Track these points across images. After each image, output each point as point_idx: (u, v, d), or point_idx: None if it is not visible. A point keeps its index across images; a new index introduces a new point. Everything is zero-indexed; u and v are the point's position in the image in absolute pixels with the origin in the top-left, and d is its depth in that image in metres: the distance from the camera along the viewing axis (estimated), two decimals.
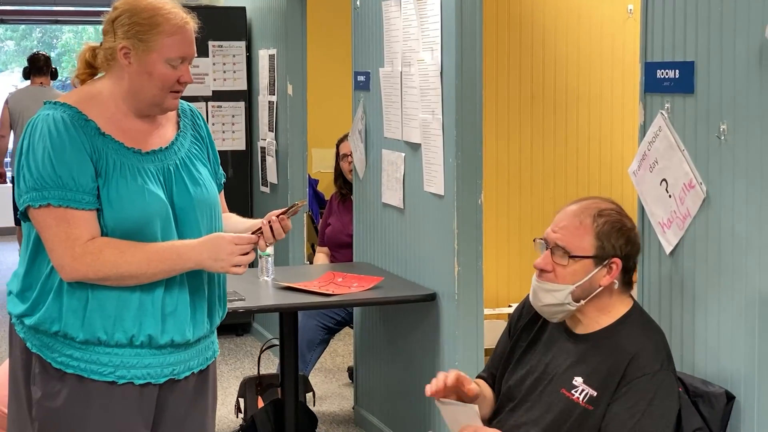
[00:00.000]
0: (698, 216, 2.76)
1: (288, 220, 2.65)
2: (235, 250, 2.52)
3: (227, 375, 5.88)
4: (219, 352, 2.77)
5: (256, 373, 4.67)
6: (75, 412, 2.53)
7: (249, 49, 7.03)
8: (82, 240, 2.45)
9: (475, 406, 2.56)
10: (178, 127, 2.69)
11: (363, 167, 4.97)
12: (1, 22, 12.73)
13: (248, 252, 2.56)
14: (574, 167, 5.21)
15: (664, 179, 2.87)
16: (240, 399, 4.67)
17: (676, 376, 2.59)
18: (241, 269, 2.55)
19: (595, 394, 2.54)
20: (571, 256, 2.58)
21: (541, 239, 2.65)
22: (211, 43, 7.02)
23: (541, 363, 2.67)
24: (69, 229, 2.45)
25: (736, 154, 2.62)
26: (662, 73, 2.88)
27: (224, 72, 7.02)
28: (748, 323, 2.60)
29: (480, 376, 2.89)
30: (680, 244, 2.84)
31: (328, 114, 7.23)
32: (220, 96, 7.05)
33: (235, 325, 6.81)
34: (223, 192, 2.79)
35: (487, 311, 4.47)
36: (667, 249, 2.88)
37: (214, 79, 7.09)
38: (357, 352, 5.17)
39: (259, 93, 6.75)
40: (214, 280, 2.67)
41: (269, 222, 2.63)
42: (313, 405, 4.79)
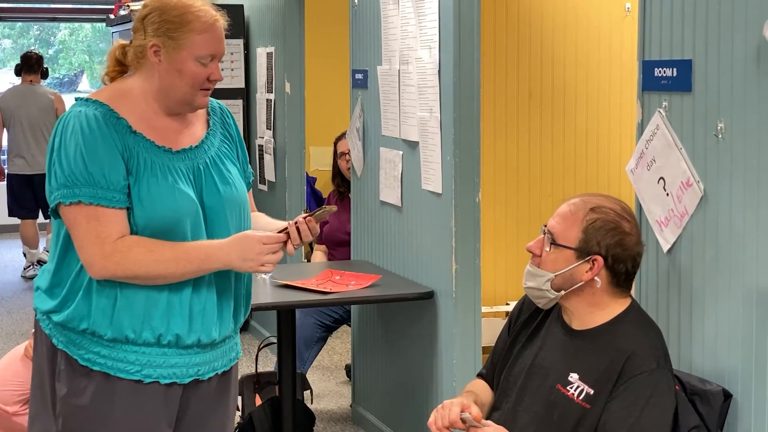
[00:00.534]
0: (696, 214, 2.76)
1: (315, 223, 2.62)
2: (264, 250, 2.51)
3: None
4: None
5: (253, 371, 4.67)
6: (100, 410, 2.54)
7: (247, 47, 7.03)
8: (112, 238, 2.46)
9: (467, 414, 2.56)
10: (208, 126, 2.69)
11: (361, 165, 4.97)
12: None
13: (276, 251, 2.55)
14: (572, 165, 5.21)
15: (662, 177, 2.87)
16: (238, 397, 4.67)
17: (673, 375, 2.59)
18: (270, 267, 2.55)
19: (592, 392, 2.54)
20: (553, 243, 2.60)
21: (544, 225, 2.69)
22: None
23: (538, 357, 2.67)
24: (99, 227, 2.46)
25: (734, 153, 2.62)
26: (660, 72, 2.88)
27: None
28: (745, 321, 2.60)
29: (480, 374, 2.90)
30: (678, 242, 2.84)
31: (326, 112, 7.23)
32: (217, 94, 7.01)
33: None
34: (251, 191, 2.80)
35: (484, 309, 4.48)
36: (665, 247, 2.88)
37: None
38: (355, 350, 5.17)
39: (257, 91, 6.74)
40: (241, 279, 2.68)
41: (296, 223, 2.60)
42: (311, 403, 4.79)
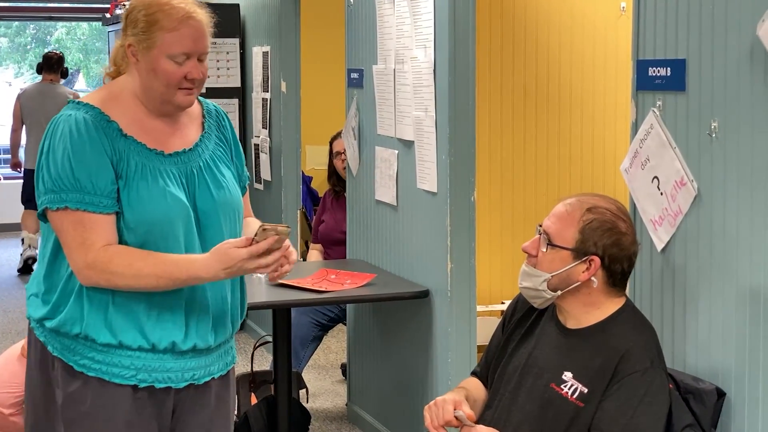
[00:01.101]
0: (689, 213, 2.77)
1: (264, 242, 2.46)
2: (244, 254, 2.41)
3: None
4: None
5: (249, 370, 4.68)
6: (101, 415, 2.51)
7: (243, 46, 7.03)
8: (97, 246, 2.42)
9: (460, 412, 2.57)
10: (203, 128, 2.65)
11: (356, 164, 4.97)
12: None
13: (264, 254, 2.42)
14: (567, 164, 5.22)
15: (656, 177, 2.88)
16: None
17: (667, 374, 2.60)
18: (263, 270, 2.46)
19: (586, 391, 2.55)
20: (549, 244, 2.61)
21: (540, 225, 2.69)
22: None
23: (532, 356, 2.68)
24: (85, 233, 2.42)
25: (727, 152, 2.63)
26: (654, 71, 2.88)
27: (218, 69, 7.01)
28: (738, 320, 2.61)
29: (474, 372, 2.90)
30: (672, 241, 2.85)
31: (321, 111, 7.24)
32: (213, 93, 7.04)
33: None
34: (247, 194, 2.76)
35: (479, 308, 4.49)
36: (659, 246, 2.89)
37: (208, 76, 7.08)
38: (350, 348, 5.17)
39: (253, 90, 6.75)
40: (237, 284, 2.65)
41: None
42: (306, 402, 4.79)
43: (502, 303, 4.97)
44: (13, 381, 4.10)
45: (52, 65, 8.79)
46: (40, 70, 8.89)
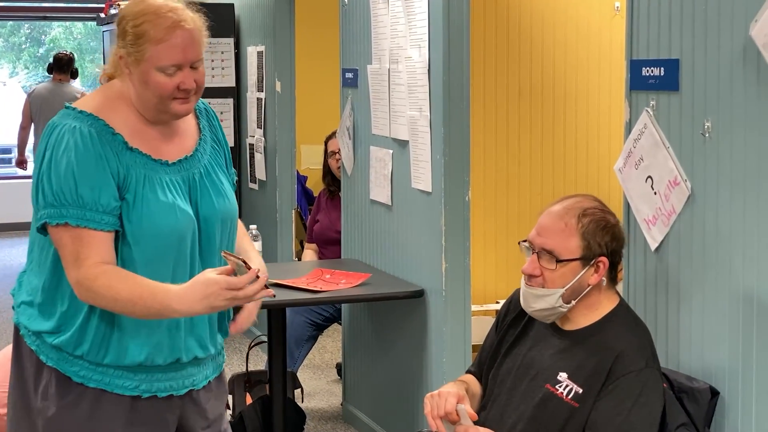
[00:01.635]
0: (683, 213, 2.77)
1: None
2: (229, 294, 2.33)
3: None
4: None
5: (244, 370, 4.68)
6: (98, 426, 2.47)
7: (237, 46, 7.03)
8: (89, 262, 2.36)
9: (462, 406, 2.58)
10: (199, 129, 2.60)
11: (351, 164, 4.97)
12: None
13: (246, 286, 2.33)
14: (561, 164, 5.22)
15: (650, 176, 2.88)
16: (228, 395, 4.67)
17: (661, 373, 2.60)
18: (246, 301, 2.38)
19: (581, 391, 2.55)
20: (558, 261, 2.58)
21: (526, 242, 2.66)
22: None
23: (527, 357, 2.68)
24: (80, 248, 2.36)
25: (721, 151, 2.63)
26: (647, 71, 2.89)
27: (212, 69, 7.01)
28: (732, 319, 2.61)
29: (469, 371, 2.91)
30: (665, 240, 2.85)
31: (316, 111, 7.23)
32: (208, 93, 6.97)
33: None
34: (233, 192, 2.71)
35: (474, 308, 4.48)
36: (653, 246, 2.89)
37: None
38: (345, 348, 5.18)
39: (248, 90, 6.75)
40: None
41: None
42: (302, 401, 4.79)
43: (497, 302, 4.97)
44: (8, 382, 4.10)
45: (62, 66, 9.12)
46: (51, 70, 9.21)
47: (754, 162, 2.52)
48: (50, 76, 9.22)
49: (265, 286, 2.34)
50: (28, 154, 9.24)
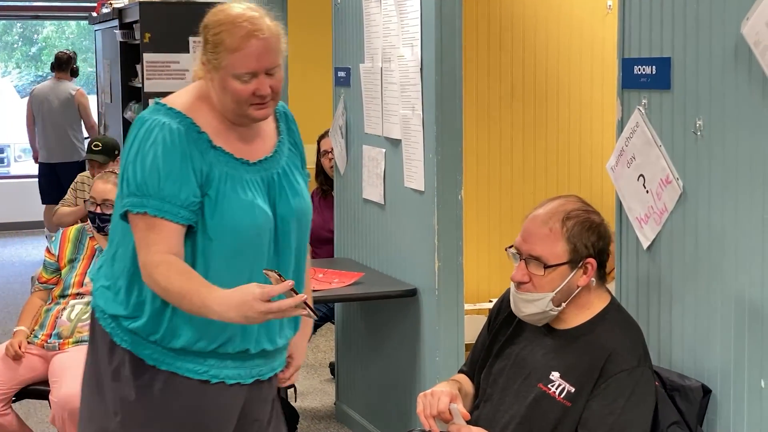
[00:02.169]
0: (675, 211, 2.78)
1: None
2: (264, 307, 2.34)
3: None
4: None
5: None
6: (167, 407, 2.57)
7: None
8: (155, 249, 2.45)
9: (454, 405, 2.58)
10: (278, 131, 2.71)
11: (344, 163, 4.97)
12: None
13: (282, 302, 2.34)
14: (554, 162, 5.23)
15: (642, 175, 2.89)
16: None
17: (653, 372, 2.61)
18: (279, 315, 2.38)
19: (573, 390, 2.55)
20: (546, 266, 2.58)
21: (512, 248, 2.66)
22: (191, 39, 7.02)
23: (519, 357, 2.68)
24: (152, 235, 2.45)
25: (712, 150, 2.64)
26: (639, 69, 2.89)
27: None
28: (724, 317, 2.62)
29: (461, 371, 2.91)
30: (657, 239, 2.85)
31: (308, 110, 7.21)
32: None
33: None
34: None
35: (467, 306, 4.49)
36: (645, 244, 2.90)
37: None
38: (338, 347, 5.17)
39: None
40: (302, 283, 2.69)
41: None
42: (295, 401, 4.79)
43: (490, 301, 4.98)
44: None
45: (61, 64, 9.36)
46: (53, 68, 9.46)
47: (745, 160, 2.52)
48: (53, 74, 9.47)
49: (307, 307, 2.37)
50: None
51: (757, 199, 2.49)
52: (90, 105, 9.37)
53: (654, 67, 2.83)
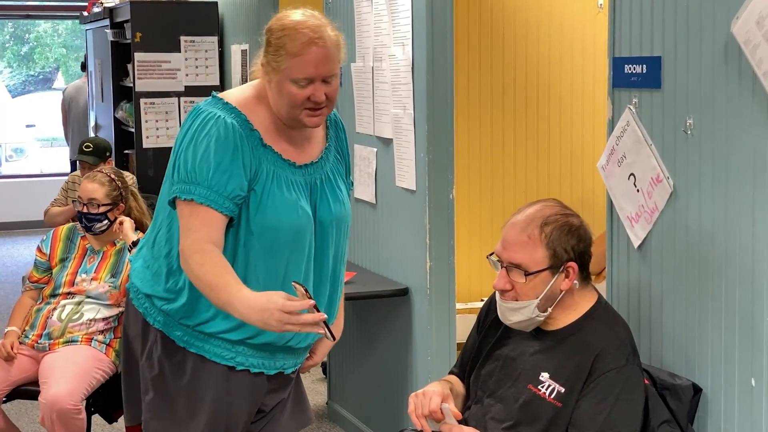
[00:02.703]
0: (666, 210, 2.78)
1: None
2: (284, 318, 2.37)
3: None
4: None
5: None
6: (194, 390, 2.67)
7: (221, 44, 7.01)
8: (196, 236, 2.52)
9: (447, 405, 2.58)
10: (326, 139, 2.78)
11: None
12: None
13: (304, 318, 2.37)
14: (545, 161, 5.23)
15: (632, 174, 2.89)
16: None
17: (642, 369, 2.61)
18: (297, 329, 2.39)
19: (563, 390, 2.55)
20: (527, 274, 2.58)
21: (493, 255, 2.66)
22: (183, 38, 7.01)
23: (508, 359, 2.68)
24: (194, 221, 2.54)
25: (703, 149, 2.64)
26: (630, 69, 2.89)
27: (196, 67, 7.00)
28: (714, 316, 2.62)
29: (452, 372, 2.91)
30: (648, 238, 2.86)
31: None
32: (192, 91, 7.04)
33: None
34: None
35: (459, 306, 4.49)
36: (636, 243, 2.90)
37: (186, 75, 7.08)
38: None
39: (232, 88, 6.73)
40: (336, 291, 2.77)
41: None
42: None
43: (482, 300, 4.97)
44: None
45: (85, 65, 9.66)
46: (83, 68, 9.87)
47: (735, 159, 2.53)
48: (84, 74, 9.80)
49: (326, 327, 2.39)
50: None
51: (747, 198, 2.50)
52: None
53: (644, 66, 2.84)
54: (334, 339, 2.44)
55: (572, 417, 2.53)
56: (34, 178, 12.19)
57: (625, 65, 2.91)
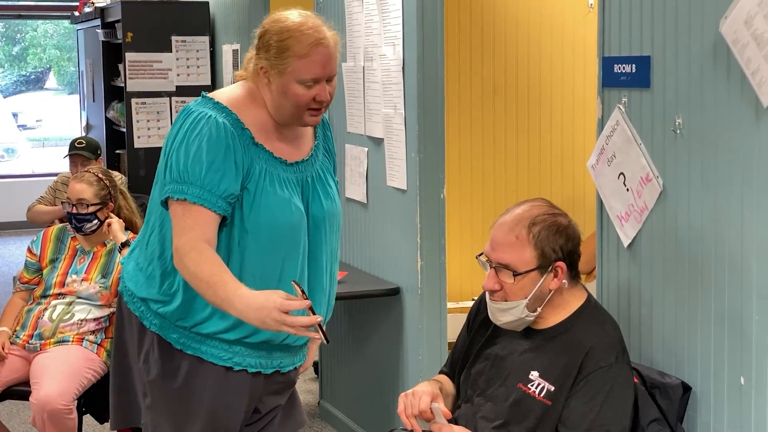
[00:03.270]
0: (655, 209, 2.78)
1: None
2: (282, 318, 2.37)
3: None
4: None
5: None
6: (191, 391, 2.66)
7: (212, 44, 7.01)
8: (191, 235, 2.52)
9: (436, 404, 2.58)
10: (315, 137, 2.79)
11: None
12: None
13: (300, 318, 2.38)
14: (536, 161, 5.24)
15: (622, 173, 2.89)
16: None
17: (631, 368, 2.62)
18: (292, 331, 2.39)
19: (553, 389, 2.56)
20: (516, 274, 2.59)
21: (482, 256, 2.66)
22: (174, 38, 7.00)
23: (498, 357, 2.69)
24: (188, 220, 2.53)
25: (692, 148, 2.65)
26: (619, 68, 2.90)
27: (188, 67, 6.99)
28: (704, 315, 2.63)
29: (442, 371, 2.91)
30: (638, 237, 2.86)
31: None
32: (183, 91, 7.03)
33: None
34: None
35: (450, 305, 4.50)
36: (625, 242, 2.90)
37: (178, 74, 7.07)
38: (322, 346, 5.17)
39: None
40: (333, 283, 2.78)
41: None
42: None
43: (473, 299, 4.96)
44: None
45: None
46: None
47: (724, 157, 2.54)
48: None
49: (320, 330, 2.40)
50: None
51: (736, 197, 2.50)
52: None
53: (634, 66, 2.84)
54: (328, 342, 2.43)
55: (562, 415, 2.54)
56: (26, 179, 12.17)
57: (615, 65, 2.92)
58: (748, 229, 2.47)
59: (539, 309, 2.61)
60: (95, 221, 4.21)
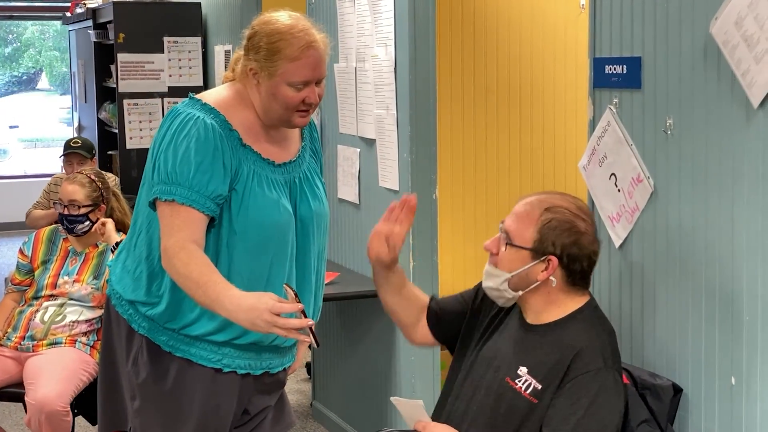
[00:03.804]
0: (646, 210, 2.79)
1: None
2: (274, 320, 2.35)
3: None
4: None
5: None
6: (180, 394, 2.66)
7: (204, 45, 7.00)
8: (179, 236, 2.51)
9: (420, 401, 2.59)
10: (302, 138, 2.80)
11: None
12: None
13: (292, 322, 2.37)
14: (528, 161, 5.24)
15: (613, 173, 2.90)
16: None
17: (621, 375, 2.57)
18: (284, 333, 2.37)
19: (540, 387, 2.54)
20: (509, 243, 2.61)
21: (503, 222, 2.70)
22: (166, 39, 7.00)
23: (490, 350, 2.68)
24: (178, 222, 2.53)
25: (682, 148, 2.65)
26: (610, 69, 2.90)
27: (180, 68, 6.98)
28: (695, 315, 2.63)
29: (429, 304, 2.93)
30: (629, 237, 2.87)
31: None
32: (175, 92, 7.03)
33: None
34: None
35: None
36: (617, 243, 2.91)
37: (170, 75, 7.06)
38: (314, 347, 5.16)
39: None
40: (321, 283, 2.80)
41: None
42: None
43: None
44: None
45: None
46: None
47: (715, 158, 2.54)
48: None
49: (313, 335, 2.40)
50: None
51: (727, 197, 2.51)
52: None
53: (625, 67, 2.85)
54: (318, 345, 2.42)
55: (546, 415, 2.51)
56: (18, 179, 12.15)
57: (606, 65, 2.92)
58: (739, 229, 2.48)
59: (521, 292, 2.61)
60: (87, 222, 4.20)
